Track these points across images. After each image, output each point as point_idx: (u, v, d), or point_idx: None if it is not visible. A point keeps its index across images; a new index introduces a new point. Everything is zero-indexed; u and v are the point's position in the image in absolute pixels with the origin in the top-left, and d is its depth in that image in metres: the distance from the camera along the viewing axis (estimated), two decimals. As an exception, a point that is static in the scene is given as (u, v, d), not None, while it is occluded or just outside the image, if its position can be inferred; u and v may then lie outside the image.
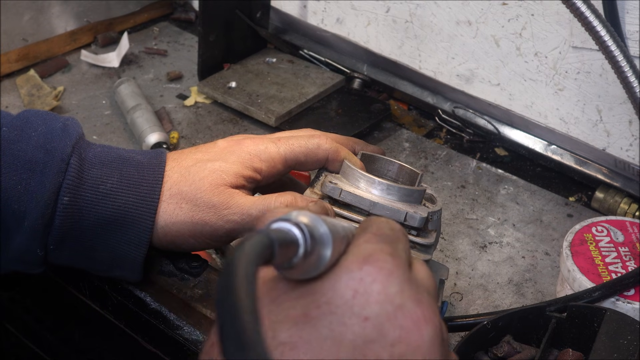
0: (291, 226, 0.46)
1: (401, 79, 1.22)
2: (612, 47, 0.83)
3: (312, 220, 0.47)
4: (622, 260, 0.84)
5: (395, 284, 0.48)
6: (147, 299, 0.81)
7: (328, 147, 0.79)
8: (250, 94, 1.17)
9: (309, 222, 0.46)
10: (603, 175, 1.06)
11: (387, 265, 0.49)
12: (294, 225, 0.46)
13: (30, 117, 0.76)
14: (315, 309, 0.48)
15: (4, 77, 1.22)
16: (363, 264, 0.49)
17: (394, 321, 0.48)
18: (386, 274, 0.48)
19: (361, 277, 0.48)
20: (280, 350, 0.46)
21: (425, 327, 0.48)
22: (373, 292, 0.48)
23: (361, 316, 0.47)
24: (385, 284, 0.48)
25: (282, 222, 0.46)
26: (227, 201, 0.75)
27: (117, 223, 0.74)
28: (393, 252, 0.50)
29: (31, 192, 0.72)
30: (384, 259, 0.49)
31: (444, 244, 0.97)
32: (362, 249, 0.50)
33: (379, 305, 0.48)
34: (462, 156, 1.13)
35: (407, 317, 0.48)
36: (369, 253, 0.49)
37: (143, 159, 0.77)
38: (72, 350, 1.04)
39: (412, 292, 0.49)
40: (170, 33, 1.38)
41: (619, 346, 0.71)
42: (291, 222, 0.46)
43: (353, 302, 0.48)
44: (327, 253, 0.47)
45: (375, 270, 0.48)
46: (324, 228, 0.47)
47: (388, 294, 0.48)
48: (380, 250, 0.50)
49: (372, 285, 0.48)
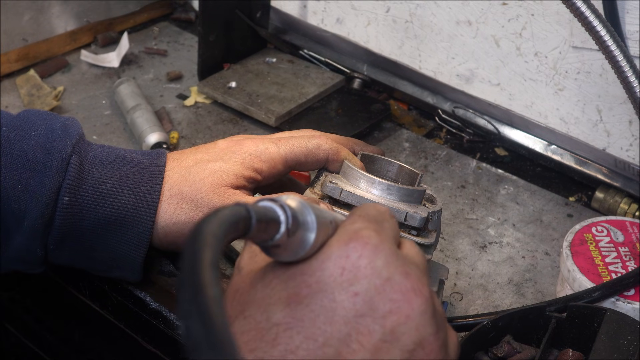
0: (274, 205, 0.47)
1: (401, 79, 1.22)
2: (612, 47, 0.83)
3: (298, 204, 0.48)
4: (622, 260, 0.84)
5: (381, 257, 0.50)
6: (147, 299, 0.81)
7: (328, 148, 0.79)
8: (250, 94, 1.17)
9: (294, 205, 0.48)
10: (603, 175, 1.06)
11: (372, 240, 0.50)
12: (277, 206, 0.47)
13: (31, 117, 0.76)
14: (305, 288, 0.49)
15: (4, 77, 1.22)
16: (349, 241, 0.50)
17: (383, 294, 0.49)
18: (372, 249, 0.50)
19: (347, 253, 0.50)
20: (274, 331, 0.48)
21: (415, 299, 0.49)
22: (360, 267, 0.49)
23: (350, 291, 0.49)
24: (371, 258, 0.50)
25: (267, 201, 0.47)
26: (227, 202, 0.75)
27: (117, 223, 0.74)
28: (378, 228, 0.51)
29: (31, 191, 0.72)
30: (369, 235, 0.50)
31: (444, 244, 0.97)
32: (348, 229, 0.51)
33: (367, 280, 0.49)
34: (462, 156, 1.13)
35: (396, 289, 0.49)
36: (354, 231, 0.51)
37: (143, 159, 0.77)
38: (72, 350, 1.04)
39: (399, 265, 0.50)
40: (170, 33, 1.38)
41: (619, 346, 0.71)
42: (276, 202, 0.47)
43: (341, 278, 0.49)
44: (311, 233, 0.48)
45: (361, 246, 0.50)
46: (309, 210, 0.48)
47: (375, 268, 0.49)
48: (365, 228, 0.51)
49: (359, 260, 0.50)
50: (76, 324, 1.00)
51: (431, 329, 0.50)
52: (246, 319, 0.49)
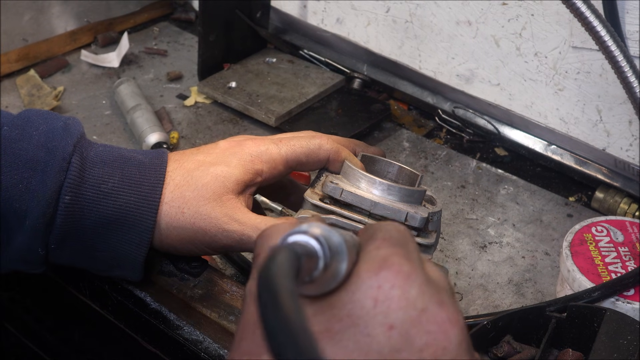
0: (309, 238, 0.44)
1: (401, 79, 1.22)
2: (612, 47, 0.83)
3: (326, 231, 0.45)
4: (622, 260, 0.84)
5: (414, 286, 0.47)
6: (147, 299, 0.81)
7: (329, 148, 0.79)
8: (250, 94, 1.17)
9: (323, 234, 0.45)
10: (603, 175, 1.06)
11: (404, 268, 0.47)
12: (312, 238, 0.44)
13: (31, 117, 0.76)
14: (337, 323, 0.46)
15: (4, 77, 1.22)
16: (379, 270, 0.47)
17: (420, 326, 0.46)
18: (404, 278, 0.47)
19: (379, 284, 0.47)
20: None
21: (452, 329, 0.47)
22: (394, 298, 0.46)
23: (385, 325, 0.46)
24: (404, 288, 0.47)
25: (298, 234, 0.44)
26: (228, 215, 0.75)
27: (118, 223, 0.74)
28: (406, 254, 0.48)
29: (32, 191, 0.72)
30: (400, 262, 0.47)
31: (444, 244, 0.97)
32: (374, 255, 0.48)
33: (402, 311, 0.46)
34: (462, 156, 1.13)
35: (432, 320, 0.46)
36: (383, 258, 0.48)
37: (145, 158, 0.77)
38: (72, 350, 1.04)
39: (433, 294, 0.47)
40: (170, 33, 1.38)
41: (619, 346, 0.71)
42: (309, 234, 0.44)
43: (375, 311, 0.46)
44: (343, 264, 0.46)
45: (393, 275, 0.47)
46: (339, 239, 0.45)
47: (409, 298, 0.46)
48: (393, 254, 0.48)
49: (392, 290, 0.46)
50: (76, 324, 1.00)
51: (466, 358, 0.47)
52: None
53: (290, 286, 0.39)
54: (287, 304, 0.38)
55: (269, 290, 0.38)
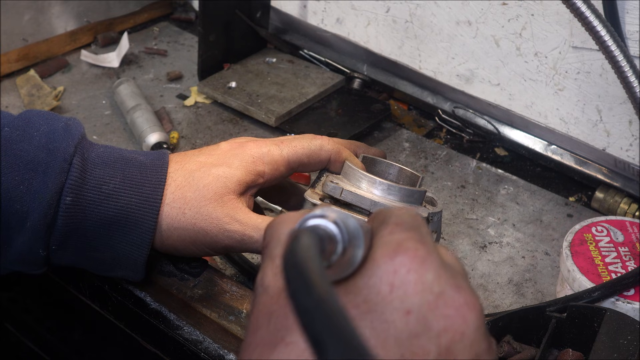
0: (327, 222, 0.44)
1: (401, 79, 1.22)
2: (612, 47, 0.84)
3: (343, 216, 0.45)
4: (622, 260, 0.84)
5: (431, 270, 0.46)
6: (147, 299, 0.81)
7: (330, 148, 0.79)
8: (250, 94, 1.17)
9: (341, 217, 0.44)
10: (603, 175, 1.06)
11: (420, 252, 0.47)
12: (330, 222, 0.44)
13: (32, 117, 0.76)
14: (353, 309, 0.46)
15: (4, 77, 1.22)
16: (394, 254, 0.46)
17: (437, 311, 0.45)
18: (420, 262, 0.46)
19: (395, 268, 0.46)
20: None
21: (469, 314, 0.46)
22: (410, 283, 0.46)
23: (402, 310, 0.45)
24: (420, 272, 0.46)
25: (316, 218, 0.44)
26: (230, 215, 0.75)
27: (119, 224, 0.74)
28: (421, 238, 0.48)
29: (33, 192, 0.72)
30: (415, 247, 0.47)
31: (444, 244, 0.97)
32: (389, 240, 0.47)
33: (419, 296, 0.45)
34: (462, 156, 1.13)
35: (449, 304, 0.46)
36: (398, 243, 0.47)
37: (146, 159, 0.77)
38: (72, 350, 1.04)
39: (449, 278, 0.47)
40: (170, 33, 1.38)
41: (619, 346, 0.71)
42: (326, 218, 0.44)
43: (391, 296, 0.45)
44: (360, 249, 0.45)
45: (409, 260, 0.46)
46: (354, 222, 0.45)
47: (425, 283, 0.46)
48: (408, 239, 0.47)
49: (408, 275, 0.46)
50: (76, 324, 1.00)
51: (485, 344, 0.47)
52: (288, 346, 0.45)
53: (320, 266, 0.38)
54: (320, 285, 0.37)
55: (298, 273, 0.38)
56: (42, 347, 1.08)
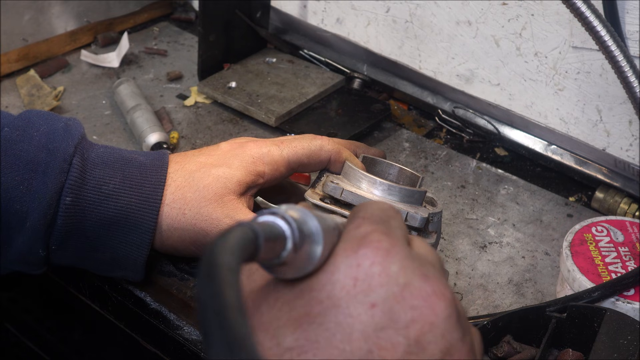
0: (277, 219, 0.44)
1: (401, 79, 1.22)
2: (612, 47, 0.84)
3: (301, 214, 0.44)
4: (622, 260, 0.84)
5: (395, 261, 0.46)
6: (147, 299, 0.81)
7: (330, 149, 0.79)
8: (250, 94, 1.17)
9: (297, 216, 0.44)
10: (603, 175, 1.06)
11: (383, 244, 0.46)
12: (280, 218, 0.44)
13: (32, 118, 0.76)
14: (316, 305, 0.45)
15: (4, 77, 1.22)
16: (358, 247, 0.46)
17: (403, 302, 0.45)
18: (384, 254, 0.46)
19: (358, 262, 0.45)
20: (287, 357, 0.44)
21: (438, 303, 0.45)
22: (374, 275, 0.45)
23: (367, 303, 0.45)
24: (385, 264, 0.45)
25: (268, 215, 0.44)
26: (230, 216, 0.75)
27: (119, 224, 0.74)
28: (386, 230, 0.47)
29: (33, 192, 0.72)
30: (378, 238, 0.46)
31: (444, 244, 0.97)
32: (353, 235, 0.47)
33: (384, 288, 0.45)
34: (462, 156, 1.13)
35: (416, 295, 0.45)
36: (362, 236, 0.47)
37: (146, 160, 0.77)
38: (72, 350, 1.04)
39: (416, 268, 0.46)
40: (170, 33, 1.38)
41: (619, 346, 0.71)
42: (278, 215, 0.44)
43: (355, 290, 0.45)
44: (318, 245, 0.45)
45: (372, 252, 0.46)
46: (313, 221, 0.45)
47: (390, 274, 0.45)
48: (373, 231, 0.47)
49: (372, 267, 0.45)
50: (76, 324, 1.00)
51: (458, 334, 0.46)
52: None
53: (231, 262, 0.38)
54: (222, 278, 0.37)
55: (209, 264, 0.37)
56: (42, 347, 1.08)
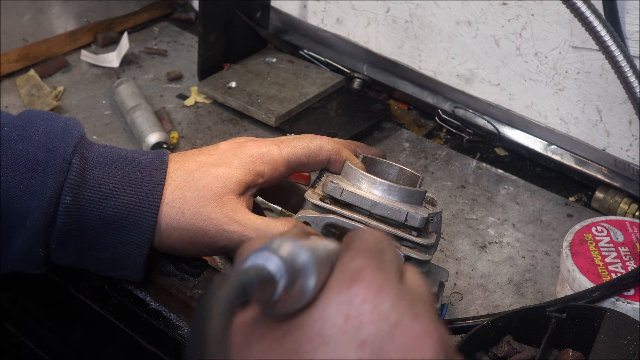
0: (267, 260, 0.43)
1: (401, 79, 1.22)
2: (612, 47, 0.84)
3: (292, 249, 0.44)
4: (622, 260, 0.84)
5: (387, 300, 0.46)
6: (147, 299, 0.81)
7: (330, 148, 0.79)
8: (250, 94, 1.17)
9: (288, 252, 0.44)
10: (603, 175, 1.06)
11: (376, 281, 0.46)
12: (271, 258, 0.44)
13: (32, 117, 0.76)
14: (307, 342, 0.45)
15: (4, 77, 1.22)
16: (350, 284, 0.46)
17: (393, 341, 0.45)
18: (375, 291, 0.46)
19: (350, 298, 0.45)
20: None
21: (427, 342, 0.45)
22: (365, 313, 0.45)
23: (357, 341, 0.44)
24: (376, 302, 0.45)
25: (258, 253, 0.44)
26: (229, 216, 0.75)
27: (119, 223, 0.74)
28: (380, 264, 0.47)
29: (33, 191, 0.72)
30: (372, 276, 0.46)
31: (444, 244, 0.97)
32: (347, 268, 0.47)
33: (374, 326, 0.45)
34: (462, 156, 1.13)
35: (406, 334, 0.45)
36: (356, 271, 0.46)
37: (145, 159, 0.77)
38: (72, 350, 1.04)
39: (407, 306, 0.46)
40: (170, 33, 1.38)
41: (619, 346, 0.71)
42: (269, 251, 0.44)
43: (346, 327, 0.45)
44: (310, 282, 0.45)
45: (364, 289, 0.45)
46: (305, 256, 0.44)
47: (381, 312, 0.45)
48: (366, 266, 0.47)
49: (363, 305, 0.45)
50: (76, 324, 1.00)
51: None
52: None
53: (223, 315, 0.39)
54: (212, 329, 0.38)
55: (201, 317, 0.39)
56: (42, 347, 1.08)
